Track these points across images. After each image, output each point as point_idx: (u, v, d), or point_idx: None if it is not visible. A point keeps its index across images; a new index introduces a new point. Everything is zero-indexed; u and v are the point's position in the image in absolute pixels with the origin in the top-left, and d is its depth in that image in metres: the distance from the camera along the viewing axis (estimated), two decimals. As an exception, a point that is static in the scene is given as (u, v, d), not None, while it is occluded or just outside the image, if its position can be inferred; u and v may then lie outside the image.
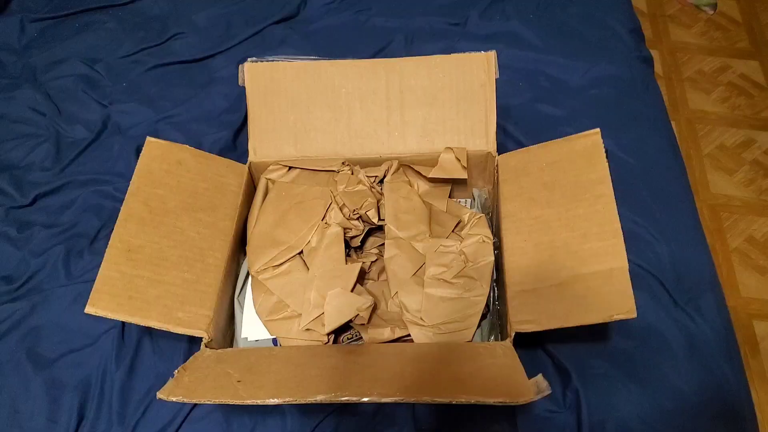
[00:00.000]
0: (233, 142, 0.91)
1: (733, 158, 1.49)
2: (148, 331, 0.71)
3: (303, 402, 0.47)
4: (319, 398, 0.47)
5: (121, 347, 0.70)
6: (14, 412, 0.66)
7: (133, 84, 1.00)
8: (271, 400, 0.47)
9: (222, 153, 0.87)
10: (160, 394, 0.48)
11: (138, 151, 0.88)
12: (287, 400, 0.47)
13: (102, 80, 1.01)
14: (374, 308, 0.63)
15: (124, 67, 1.03)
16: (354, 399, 0.46)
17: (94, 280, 0.74)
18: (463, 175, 0.70)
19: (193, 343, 0.70)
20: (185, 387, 0.49)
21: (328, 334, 0.62)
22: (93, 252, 0.79)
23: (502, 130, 0.89)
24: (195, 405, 0.65)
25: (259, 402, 0.47)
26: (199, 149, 0.72)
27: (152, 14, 1.13)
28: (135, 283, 0.58)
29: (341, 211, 0.68)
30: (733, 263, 1.32)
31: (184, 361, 0.67)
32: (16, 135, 0.93)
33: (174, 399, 0.47)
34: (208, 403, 0.48)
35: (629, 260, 0.57)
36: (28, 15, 1.11)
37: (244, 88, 0.73)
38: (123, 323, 0.71)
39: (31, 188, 0.85)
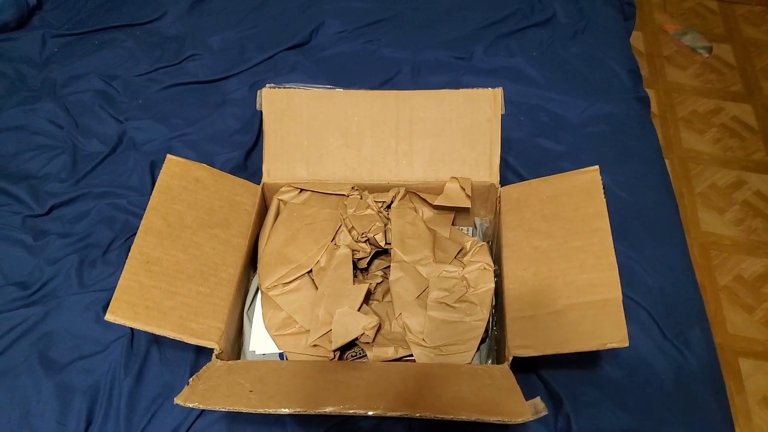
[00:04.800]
0: (244, 162, 0.94)
1: (724, 198, 1.54)
2: (156, 341, 0.73)
3: (313, 413, 0.49)
4: (328, 410, 0.49)
5: (129, 355, 0.72)
6: (26, 414, 0.68)
7: (149, 101, 1.04)
8: (283, 410, 0.49)
9: (233, 172, 0.90)
10: (177, 400, 0.51)
11: (152, 166, 0.92)
12: (297, 410, 0.50)
13: (118, 96, 1.04)
14: (379, 328, 0.66)
15: (140, 84, 1.07)
16: (361, 412, 0.49)
17: (105, 290, 0.77)
18: (467, 204, 0.73)
19: (200, 354, 0.72)
20: (200, 394, 0.52)
21: (334, 351, 0.64)
22: (105, 262, 0.81)
23: (503, 162, 0.91)
24: (200, 414, 0.68)
25: (272, 411, 0.50)
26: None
27: (169, 35, 1.17)
28: (152, 293, 0.60)
29: (350, 233, 0.71)
30: (722, 301, 1.36)
31: (191, 372, 0.71)
32: (35, 146, 0.95)
33: (190, 405, 0.50)
34: (223, 410, 0.51)
35: (621, 292, 0.60)
36: (49, 31, 1.14)
37: (255, 110, 0.76)
38: (132, 332, 0.73)
39: (47, 198, 0.88)
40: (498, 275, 0.69)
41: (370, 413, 0.49)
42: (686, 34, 1.91)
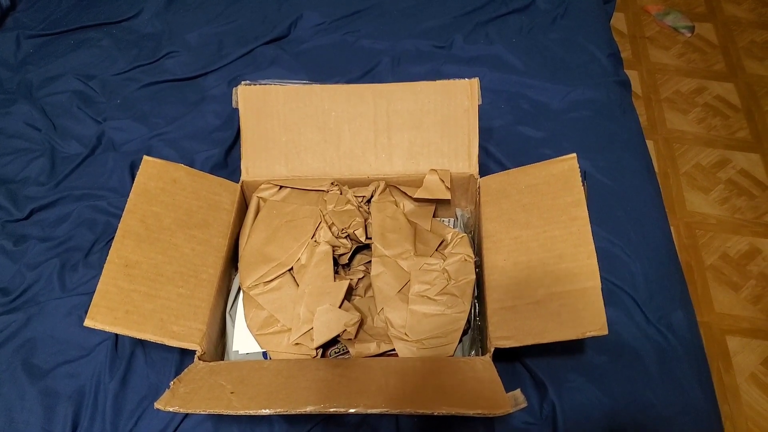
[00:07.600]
0: (225, 160, 0.94)
1: (709, 177, 1.54)
2: (141, 342, 0.73)
3: (294, 413, 0.49)
4: (309, 409, 0.49)
5: (114, 359, 0.72)
6: (10, 422, 0.67)
7: (127, 101, 1.03)
8: (263, 411, 0.49)
9: (214, 170, 0.90)
10: (157, 405, 0.50)
11: (132, 166, 0.91)
12: (278, 410, 0.50)
13: (96, 97, 1.03)
14: (361, 324, 0.66)
15: (118, 84, 1.06)
16: (342, 410, 0.49)
17: (88, 293, 0.77)
18: (447, 195, 0.73)
19: (185, 354, 0.72)
20: (181, 398, 0.52)
21: (317, 348, 0.64)
22: (87, 265, 0.81)
23: (484, 151, 0.92)
24: (186, 415, 0.67)
25: (252, 412, 0.50)
26: (192, 166, 0.74)
27: (146, 32, 1.16)
28: (132, 297, 0.60)
29: (330, 229, 0.70)
30: (708, 280, 1.36)
31: (176, 372, 0.70)
32: (12, 150, 0.94)
33: (171, 409, 0.50)
34: (203, 413, 0.51)
35: (604, 278, 0.60)
36: (24, 31, 1.13)
37: (235, 107, 0.76)
38: (116, 335, 0.73)
39: (26, 202, 0.87)
40: (479, 266, 0.69)
41: (351, 411, 0.49)
42: (668, 15, 1.91)
